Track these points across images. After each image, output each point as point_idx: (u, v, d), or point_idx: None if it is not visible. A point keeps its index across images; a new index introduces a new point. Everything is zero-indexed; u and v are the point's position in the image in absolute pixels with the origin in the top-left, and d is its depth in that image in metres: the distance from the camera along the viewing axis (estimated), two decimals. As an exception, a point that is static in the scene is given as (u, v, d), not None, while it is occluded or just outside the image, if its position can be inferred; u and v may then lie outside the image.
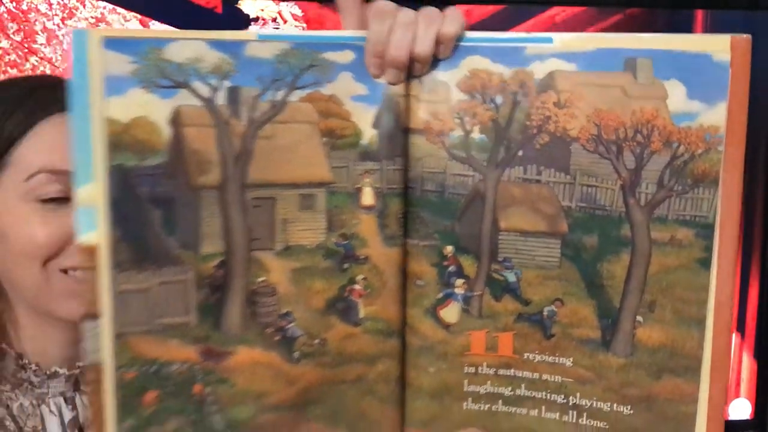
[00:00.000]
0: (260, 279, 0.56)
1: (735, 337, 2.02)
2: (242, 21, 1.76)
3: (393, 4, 0.55)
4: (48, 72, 1.69)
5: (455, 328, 0.59)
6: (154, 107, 0.52)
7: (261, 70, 0.53)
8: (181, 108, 0.53)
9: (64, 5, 1.69)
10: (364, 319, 0.59)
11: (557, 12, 1.89)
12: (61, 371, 0.75)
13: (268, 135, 0.54)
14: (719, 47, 0.51)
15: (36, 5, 1.67)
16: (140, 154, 0.53)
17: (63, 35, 1.67)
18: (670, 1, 1.93)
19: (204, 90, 0.53)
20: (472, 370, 0.60)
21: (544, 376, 0.59)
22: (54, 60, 1.70)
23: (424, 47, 0.53)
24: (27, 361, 0.73)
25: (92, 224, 0.52)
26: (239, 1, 1.75)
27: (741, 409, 2.02)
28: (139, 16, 1.74)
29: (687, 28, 1.95)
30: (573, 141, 0.54)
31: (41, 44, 1.69)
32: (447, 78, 0.55)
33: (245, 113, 0.54)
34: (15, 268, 0.71)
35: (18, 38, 1.67)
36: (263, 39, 0.53)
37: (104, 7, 1.71)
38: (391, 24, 0.54)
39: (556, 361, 0.58)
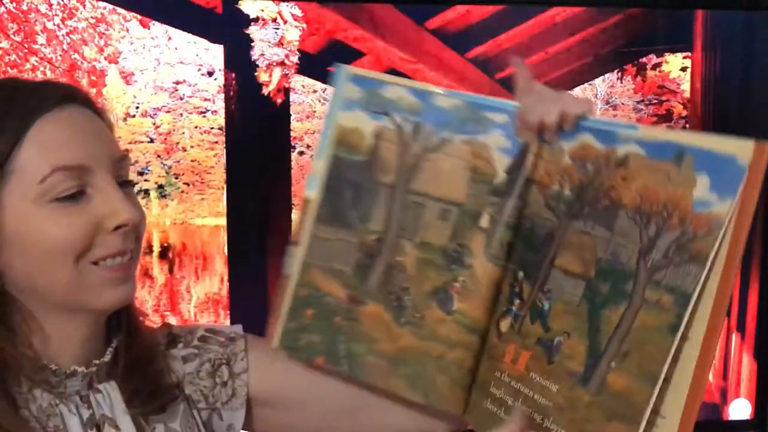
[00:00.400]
0: (398, 258, 0.77)
1: (735, 338, 2.02)
2: (242, 21, 1.76)
3: (543, 87, 0.73)
4: (48, 73, 1.69)
5: (503, 338, 0.74)
6: (365, 124, 0.77)
7: (439, 115, 0.75)
8: (382, 128, 0.77)
9: (64, 5, 1.69)
10: (455, 311, 0.75)
11: (557, 12, 1.89)
12: (80, 370, 0.75)
13: (432, 160, 0.76)
14: (743, 152, 0.59)
15: (36, 5, 1.67)
16: (350, 151, 0.78)
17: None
18: (670, 1, 1.94)
19: (399, 120, 0.76)
20: (498, 374, 0.73)
21: (536, 396, 0.70)
22: (54, 60, 1.70)
23: (550, 120, 0.70)
24: (45, 362, 0.73)
25: (313, 186, 0.79)
26: (239, 2, 1.75)
27: (741, 409, 2.02)
28: (139, 16, 1.74)
29: (687, 28, 1.95)
30: (621, 208, 0.65)
31: (41, 44, 1.69)
32: (565, 146, 0.70)
33: (421, 141, 0.76)
34: (45, 273, 0.70)
35: (18, 38, 1.67)
36: (448, 95, 0.76)
37: (104, 8, 1.71)
38: (536, 100, 0.71)
39: (548, 385, 0.69)
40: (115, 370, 0.78)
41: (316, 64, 1.83)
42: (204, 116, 1.83)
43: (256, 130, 1.84)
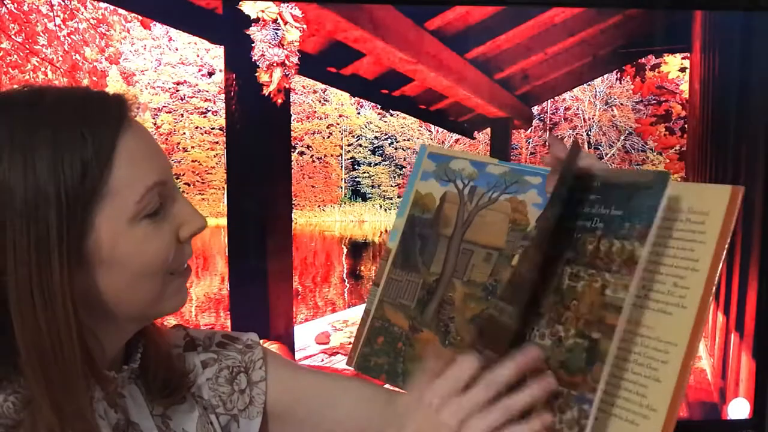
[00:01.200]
0: (449, 294, 0.92)
1: (734, 337, 2.03)
2: (243, 22, 1.77)
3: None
4: (49, 73, 1.70)
5: None
6: (436, 189, 0.96)
7: (490, 179, 0.93)
8: (447, 192, 0.95)
9: (66, 6, 1.69)
10: None
11: (556, 13, 1.90)
12: (111, 375, 0.75)
13: (482, 215, 0.93)
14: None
15: (37, 6, 1.68)
16: (423, 210, 0.97)
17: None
18: (670, 1, 1.94)
19: (460, 186, 0.94)
20: None
21: None
22: (55, 61, 1.71)
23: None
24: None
25: (395, 238, 0.97)
26: (240, 3, 1.76)
27: (740, 408, 2.03)
28: (140, 17, 1.75)
29: (686, 29, 1.96)
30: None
31: (42, 45, 1.69)
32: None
33: (475, 201, 0.93)
34: (137, 289, 0.71)
35: (19, 39, 1.68)
36: (498, 164, 0.93)
37: (105, 9, 1.72)
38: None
39: None
40: (136, 373, 0.79)
41: (316, 64, 1.84)
42: (204, 117, 1.83)
43: (256, 130, 1.84)
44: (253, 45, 1.78)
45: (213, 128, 1.84)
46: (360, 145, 2.03)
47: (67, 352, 0.66)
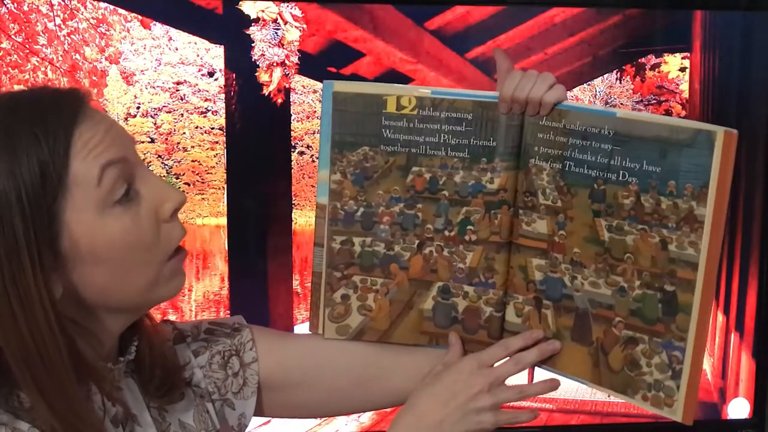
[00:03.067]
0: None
1: (734, 337, 2.03)
2: (243, 22, 1.77)
3: (521, 72, 0.92)
4: (49, 73, 1.70)
5: None
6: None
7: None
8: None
9: (65, 6, 1.69)
10: None
11: (556, 13, 1.90)
12: (107, 366, 0.75)
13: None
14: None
15: (37, 6, 1.68)
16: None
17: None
18: (670, 1, 1.94)
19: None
20: None
21: None
22: (55, 61, 1.71)
23: (537, 93, 0.89)
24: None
25: (324, 193, 0.92)
26: (240, 2, 1.76)
27: (740, 408, 2.03)
28: (140, 17, 1.75)
29: (686, 28, 1.96)
30: None
31: (42, 45, 1.69)
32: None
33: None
34: (126, 278, 0.71)
35: (19, 39, 1.68)
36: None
37: (105, 8, 1.72)
38: (519, 81, 0.90)
39: None
40: (131, 366, 0.79)
41: (316, 64, 1.84)
42: (204, 116, 1.83)
43: (256, 130, 1.84)
44: (253, 45, 1.78)
45: (213, 128, 1.84)
46: (360, 145, 2.03)
47: (53, 354, 0.66)
